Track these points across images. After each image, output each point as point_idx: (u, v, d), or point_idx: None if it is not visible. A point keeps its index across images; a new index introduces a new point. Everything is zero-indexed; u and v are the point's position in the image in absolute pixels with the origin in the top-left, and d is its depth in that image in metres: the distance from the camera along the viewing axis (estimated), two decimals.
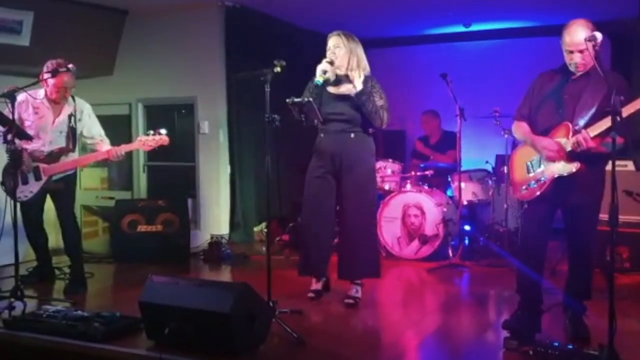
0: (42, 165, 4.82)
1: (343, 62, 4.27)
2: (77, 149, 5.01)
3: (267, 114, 3.71)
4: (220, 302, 3.21)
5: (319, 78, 4.13)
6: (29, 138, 4.69)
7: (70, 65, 4.63)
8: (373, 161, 4.51)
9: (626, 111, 3.12)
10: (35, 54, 6.05)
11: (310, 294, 4.41)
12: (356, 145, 4.30)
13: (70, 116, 4.92)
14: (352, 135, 4.28)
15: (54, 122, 4.87)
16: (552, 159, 3.48)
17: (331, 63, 4.22)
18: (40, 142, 4.84)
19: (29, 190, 4.82)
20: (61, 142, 4.90)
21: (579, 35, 3.31)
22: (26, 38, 6.16)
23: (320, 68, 4.18)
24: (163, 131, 4.92)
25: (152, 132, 4.92)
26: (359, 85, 4.24)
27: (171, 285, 3.45)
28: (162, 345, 3.34)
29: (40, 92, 4.85)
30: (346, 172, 4.32)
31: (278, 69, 3.73)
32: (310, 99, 4.03)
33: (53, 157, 4.86)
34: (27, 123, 4.83)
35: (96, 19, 6.84)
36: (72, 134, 4.92)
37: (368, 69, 4.39)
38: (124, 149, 4.91)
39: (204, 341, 3.27)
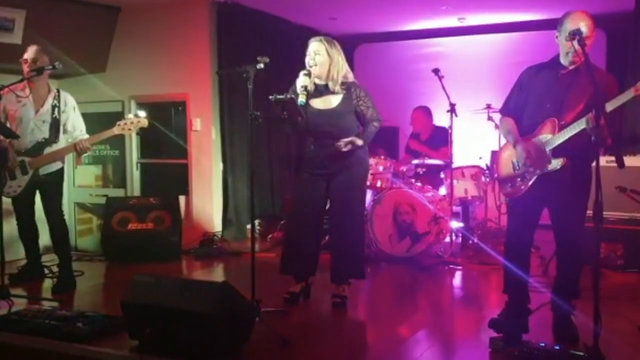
0: (27, 159, 4.79)
1: (323, 70, 4.17)
2: (61, 140, 4.95)
3: (250, 111, 3.66)
4: (201, 302, 3.18)
5: (301, 98, 4.03)
6: (14, 137, 4.66)
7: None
8: (367, 162, 4.42)
9: (609, 106, 3.10)
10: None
11: (286, 295, 4.35)
12: (348, 152, 4.18)
13: (54, 107, 4.90)
14: (357, 141, 4.17)
15: (37, 111, 4.84)
16: (535, 169, 3.43)
17: (309, 74, 4.12)
18: (27, 131, 4.81)
19: (17, 185, 4.79)
20: (45, 133, 4.86)
21: (587, 22, 3.26)
22: (18, 36, 6.13)
23: (300, 85, 4.08)
24: (142, 113, 4.90)
25: (130, 115, 4.91)
26: (340, 88, 4.20)
27: (153, 285, 3.40)
28: (145, 346, 3.31)
29: (20, 85, 4.83)
30: (338, 174, 4.26)
31: (261, 66, 3.69)
32: (293, 96, 3.98)
33: (37, 148, 4.82)
34: (10, 112, 4.81)
35: (89, 16, 6.82)
36: (55, 125, 4.89)
37: (351, 75, 4.30)
38: (102, 136, 4.90)
39: (185, 341, 3.23)
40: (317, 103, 4.22)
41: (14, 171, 4.76)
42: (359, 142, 4.13)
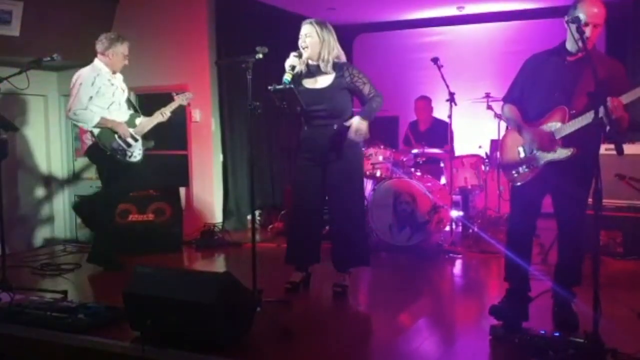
0: (131, 130, 5.16)
1: (314, 51, 4.17)
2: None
3: (249, 102, 3.66)
4: (202, 292, 3.18)
5: (287, 76, 4.04)
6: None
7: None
8: (359, 149, 4.43)
9: (625, 99, 3.09)
10: (25, 44, 6.01)
11: (287, 285, 4.38)
12: (340, 136, 4.20)
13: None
14: (335, 127, 4.19)
15: (124, 91, 5.28)
16: (545, 150, 3.41)
17: (300, 56, 4.13)
18: (122, 110, 5.19)
19: (137, 149, 5.21)
20: (127, 108, 5.28)
21: (599, 9, 3.23)
22: (16, 28, 6.10)
23: (288, 63, 4.10)
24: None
25: (177, 93, 5.44)
26: (330, 68, 4.19)
27: (154, 276, 3.41)
28: (146, 337, 3.32)
29: (103, 67, 5.10)
30: (332, 162, 4.26)
31: (260, 56, 3.68)
32: (292, 86, 3.97)
33: (132, 121, 5.21)
34: (107, 95, 5.07)
35: (87, 8, 6.78)
36: (129, 99, 5.38)
37: (343, 56, 4.29)
38: (169, 109, 5.33)
39: (186, 332, 3.24)
40: (309, 83, 4.24)
41: (127, 141, 5.10)
42: (364, 125, 4.11)
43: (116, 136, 5.05)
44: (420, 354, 3.29)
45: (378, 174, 6.11)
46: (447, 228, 6.06)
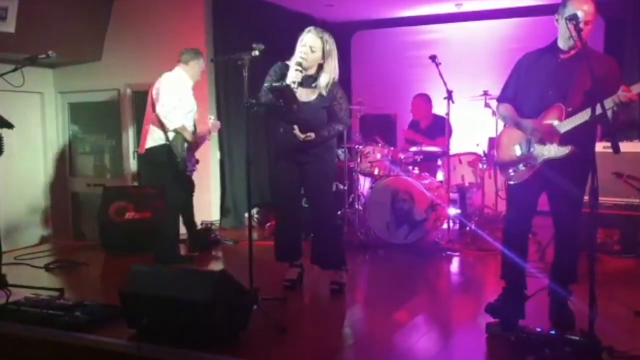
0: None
1: (312, 64, 4.15)
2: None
3: (246, 99, 3.65)
4: (198, 291, 3.19)
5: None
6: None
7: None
8: (332, 156, 4.44)
9: (635, 89, 3.07)
10: (20, 41, 6.00)
11: (285, 283, 4.39)
12: (315, 145, 4.19)
13: None
14: (312, 135, 4.14)
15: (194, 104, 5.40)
16: (544, 141, 3.40)
17: (302, 71, 4.08)
18: (191, 122, 5.33)
19: (194, 164, 5.41)
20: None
21: (589, 6, 3.23)
22: (11, 25, 6.09)
23: (291, 79, 4.04)
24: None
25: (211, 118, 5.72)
26: (324, 91, 4.19)
27: (151, 275, 3.42)
28: (143, 335, 3.32)
29: (186, 75, 5.28)
30: (305, 165, 4.28)
31: (256, 53, 3.66)
32: (289, 83, 3.96)
33: (195, 132, 5.37)
34: (188, 103, 5.24)
35: (83, 4, 6.78)
36: None
37: (337, 76, 4.25)
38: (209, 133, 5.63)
39: (183, 330, 3.24)
40: (298, 94, 4.18)
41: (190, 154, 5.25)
42: (309, 139, 4.11)
43: (186, 146, 5.14)
44: (416, 351, 3.30)
45: (376, 171, 6.11)
46: (445, 226, 6.05)
